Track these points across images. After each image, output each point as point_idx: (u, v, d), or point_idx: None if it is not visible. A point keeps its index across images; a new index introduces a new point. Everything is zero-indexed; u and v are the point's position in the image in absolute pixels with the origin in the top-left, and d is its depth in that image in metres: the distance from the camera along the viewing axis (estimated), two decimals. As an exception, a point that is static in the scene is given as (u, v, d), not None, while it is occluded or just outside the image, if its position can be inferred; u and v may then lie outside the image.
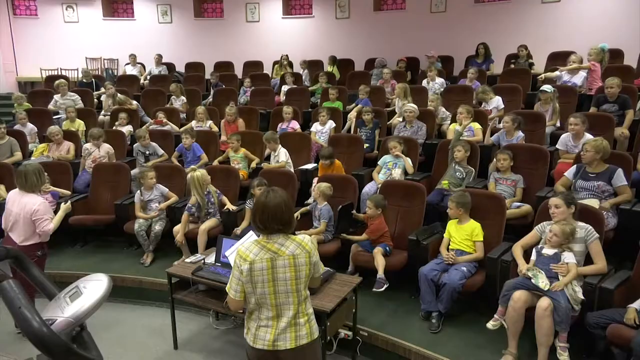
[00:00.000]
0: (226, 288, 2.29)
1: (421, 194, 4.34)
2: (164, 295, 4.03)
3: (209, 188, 4.82)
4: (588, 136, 4.52)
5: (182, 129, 6.63)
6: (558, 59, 7.47)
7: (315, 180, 4.97)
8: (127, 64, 10.28)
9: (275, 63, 9.94)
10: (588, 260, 3.26)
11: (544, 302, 3.01)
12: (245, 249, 2.21)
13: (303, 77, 8.96)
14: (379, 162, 5.21)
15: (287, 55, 9.65)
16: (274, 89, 8.55)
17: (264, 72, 9.84)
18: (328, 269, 3.45)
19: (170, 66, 10.21)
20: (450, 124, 5.85)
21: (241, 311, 2.37)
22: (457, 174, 4.68)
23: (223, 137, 6.56)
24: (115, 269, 4.81)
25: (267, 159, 5.83)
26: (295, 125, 6.53)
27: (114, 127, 7.05)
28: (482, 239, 3.75)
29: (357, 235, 4.23)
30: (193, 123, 6.87)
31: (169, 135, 6.58)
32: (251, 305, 2.25)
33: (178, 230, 4.73)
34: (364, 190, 4.90)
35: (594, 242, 3.24)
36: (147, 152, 6.03)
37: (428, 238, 3.97)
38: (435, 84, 7.26)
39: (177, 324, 3.86)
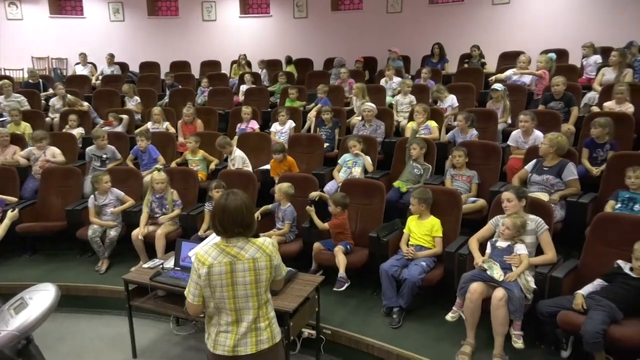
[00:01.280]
0: (185, 292, 2.24)
1: (381, 191, 4.40)
2: (121, 303, 3.90)
3: (167, 192, 4.72)
4: (537, 133, 4.73)
5: (137, 130, 6.43)
6: (508, 58, 7.76)
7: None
8: (77, 63, 9.86)
9: (233, 63, 9.82)
10: (539, 251, 3.41)
11: (498, 293, 3.12)
12: (204, 252, 2.16)
13: (262, 77, 8.90)
14: (339, 161, 5.24)
15: (245, 55, 9.55)
16: (233, 89, 8.44)
17: (222, 72, 9.70)
18: (290, 269, 3.44)
19: (123, 66, 9.88)
20: (408, 122, 5.96)
21: (202, 315, 2.32)
22: (415, 171, 4.78)
23: (181, 139, 6.41)
24: (68, 277, 4.62)
25: (227, 159, 5.75)
26: (254, 125, 6.48)
27: (64, 130, 6.76)
28: (441, 235, 3.84)
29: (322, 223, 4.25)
30: (149, 124, 6.69)
31: (123, 137, 6.37)
32: (210, 309, 2.21)
33: (137, 233, 4.60)
34: (325, 189, 4.92)
35: (544, 233, 3.39)
36: (105, 156, 5.78)
37: (388, 235, 4.03)
38: (393, 83, 7.38)
39: (136, 332, 3.74)
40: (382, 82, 7.50)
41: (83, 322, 4.32)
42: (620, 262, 3.13)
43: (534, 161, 4.27)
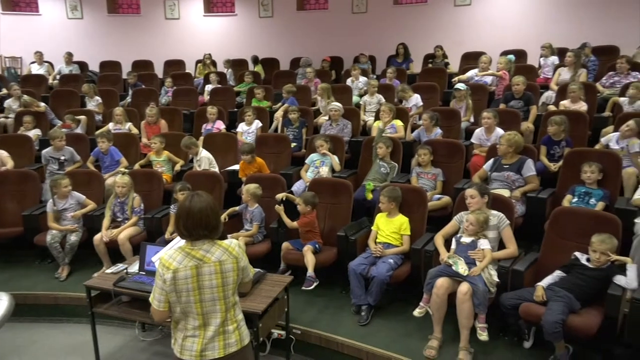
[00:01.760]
0: (149, 298, 2.18)
1: (348, 190, 4.43)
2: (83, 311, 3.76)
3: (129, 197, 4.61)
4: (499, 130, 4.88)
5: (97, 131, 6.23)
6: (470, 58, 7.95)
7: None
8: (33, 62, 9.45)
9: (198, 62, 9.66)
10: (501, 245, 3.52)
11: (463, 287, 3.20)
12: (168, 256, 2.11)
13: (227, 77, 8.80)
14: (306, 161, 5.25)
15: (210, 54, 9.42)
16: (198, 89, 8.30)
17: (187, 71, 9.55)
18: (259, 270, 3.42)
19: (82, 65, 9.56)
20: (374, 121, 6.02)
21: (168, 320, 2.27)
22: (382, 169, 4.83)
23: (144, 140, 6.27)
24: (26, 286, 4.42)
25: (193, 160, 5.65)
26: (220, 125, 6.39)
27: (19, 132, 6.48)
28: (409, 233, 3.89)
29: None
30: (110, 125, 6.49)
31: (83, 139, 6.16)
32: (176, 314, 2.16)
33: (99, 238, 4.47)
34: (293, 189, 4.91)
35: (506, 228, 3.50)
36: (62, 158, 5.57)
37: (356, 233, 4.06)
38: (359, 83, 7.45)
39: (100, 339, 3.62)
40: (349, 81, 7.55)
41: (43, 331, 4.16)
42: (577, 253, 3.26)
43: (492, 160, 4.40)
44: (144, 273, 3.48)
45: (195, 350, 2.12)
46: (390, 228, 3.93)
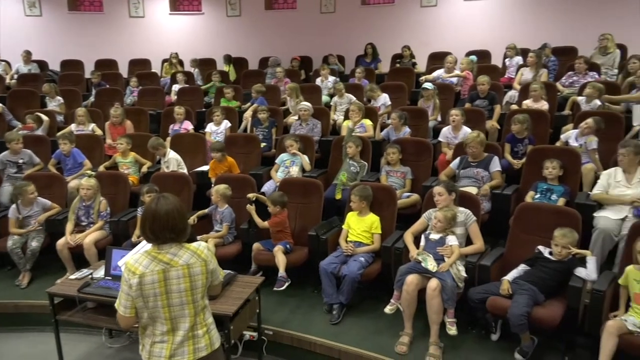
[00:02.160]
0: (115, 305, 2.12)
1: (319, 189, 4.44)
2: (47, 318, 3.62)
3: (95, 200, 4.48)
4: (465, 128, 4.99)
5: (59, 133, 6.03)
6: (437, 59, 8.09)
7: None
8: (-12, 61, 9.08)
9: (164, 61, 9.46)
10: (468, 241, 3.60)
11: (433, 283, 3.26)
12: (134, 261, 2.06)
13: (195, 76, 8.66)
14: (276, 161, 5.22)
15: (176, 53, 9.24)
16: (164, 89, 8.14)
17: (152, 70, 9.34)
18: (229, 271, 3.38)
19: (41, 64, 9.21)
20: (344, 121, 6.05)
21: (136, 326, 2.22)
22: (352, 168, 4.86)
23: (109, 141, 6.10)
24: (-16, 294, 4.25)
25: (160, 162, 5.53)
26: (188, 126, 6.29)
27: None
28: (380, 232, 3.93)
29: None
30: (73, 126, 6.29)
31: (44, 140, 5.95)
32: (144, 320, 2.11)
33: (62, 243, 4.32)
34: (263, 189, 4.88)
35: (473, 224, 3.58)
36: (21, 161, 5.34)
37: (327, 232, 4.08)
38: (328, 82, 7.48)
39: (65, 347, 3.50)
40: (318, 81, 7.56)
41: (4, 341, 4.00)
42: (540, 247, 3.37)
43: (459, 158, 4.49)
44: (110, 278, 3.39)
45: (164, 356, 2.08)
46: (361, 227, 3.96)
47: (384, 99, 6.28)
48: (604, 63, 6.58)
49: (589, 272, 3.10)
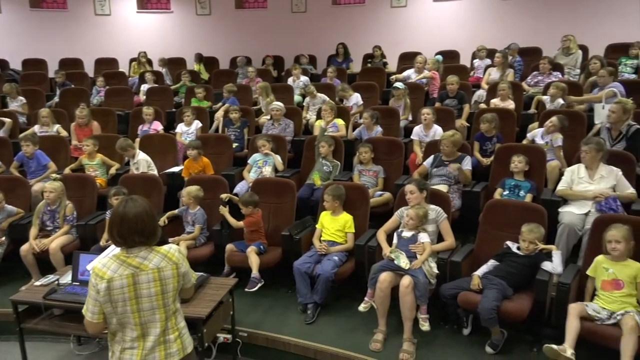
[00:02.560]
0: (83, 310, 2.06)
1: (292, 189, 4.43)
2: (11, 327, 3.49)
3: (61, 205, 4.35)
4: (436, 127, 5.07)
5: (21, 135, 5.81)
6: (407, 58, 8.19)
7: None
8: (-56, 60, 8.68)
9: (132, 60, 9.26)
10: (440, 238, 3.66)
11: (405, 280, 3.30)
12: (102, 265, 2.01)
13: (164, 76, 8.50)
14: (249, 161, 5.19)
15: (145, 52, 9.06)
16: (133, 89, 7.97)
17: (120, 70, 9.13)
18: (202, 273, 3.34)
19: (2, 63, 8.87)
20: (316, 120, 6.06)
21: (105, 332, 2.16)
22: (325, 168, 4.87)
23: (74, 142, 5.93)
24: (-58, 304, 4.05)
25: (129, 163, 5.41)
26: (157, 126, 6.17)
27: None
28: (354, 231, 3.94)
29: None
30: (36, 128, 6.08)
31: (5, 142, 5.73)
32: (113, 326, 2.06)
33: (26, 249, 4.17)
34: (236, 190, 4.83)
35: (444, 221, 3.65)
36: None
37: (300, 232, 4.07)
38: (300, 82, 7.47)
39: (30, 356, 3.37)
40: (290, 80, 7.54)
41: (-36, 352, 3.83)
42: (509, 243, 3.46)
43: (432, 157, 4.56)
44: (77, 284, 3.30)
45: None
46: (334, 226, 3.97)
47: (356, 98, 6.31)
48: (567, 63, 6.80)
49: (554, 265, 3.20)
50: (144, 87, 7.73)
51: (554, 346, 2.82)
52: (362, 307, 3.50)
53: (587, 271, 3.15)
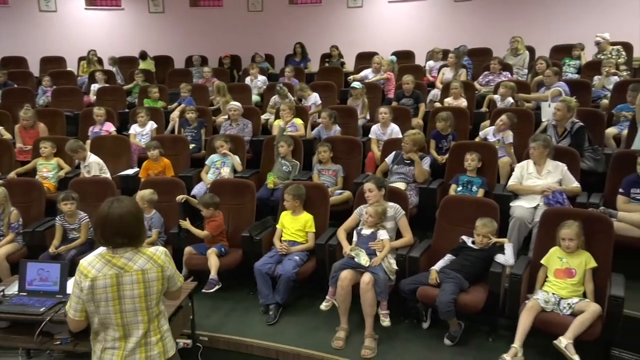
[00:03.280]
0: (66, 307, 2.08)
1: (251, 190, 4.38)
2: (-50, 343, 3.28)
3: (4, 212, 4.12)
4: (393, 125, 5.17)
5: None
6: (364, 58, 8.30)
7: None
8: None
9: (81, 59, 8.89)
10: (398, 234, 3.72)
11: (366, 277, 3.34)
12: (87, 263, 2.01)
13: (115, 75, 8.21)
14: (206, 162, 5.10)
15: (95, 50, 8.72)
16: (82, 88, 7.66)
17: (68, 69, 8.74)
18: (159, 278, 3.24)
19: (-64, 62, 8.31)
20: (275, 120, 6.03)
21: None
22: (284, 167, 4.85)
23: (19, 145, 5.63)
24: None
25: (80, 166, 5.18)
26: (109, 127, 5.95)
27: None
28: (314, 230, 3.94)
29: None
30: (-24, 130, 5.73)
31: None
32: (95, 325, 2.05)
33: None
34: (194, 192, 4.74)
35: (402, 218, 3.71)
36: None
37: (261, 233, 4.04)
38: (257, 82, 7.41)
39: (-28, 373, 3.19)
40: (247, 80, 7.47)
41: None
42: (464, 237, 3.57)
43: (393, 154, 4.64)
44: (25, 294, 3.12)
45: None
46: (295, 226, 3.96)
47: (314, 98, 6.33)
48: (515, 63, 7.10)
49: (507, 258, 3.33)
50: (95, 87, 7.45)
51: (507, 358, 2.92)
52: (323, 306, 3.51)
53: (541, 260, 3.28)
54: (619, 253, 3.24)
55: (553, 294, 3.09)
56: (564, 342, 2.83)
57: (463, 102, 5.83)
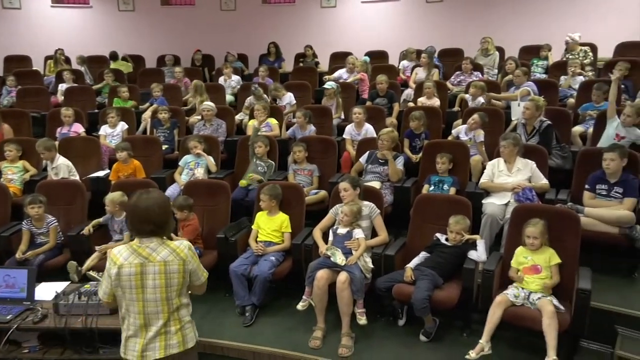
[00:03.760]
0: (99, 287, 2.25)
1: (226, 191, 4.34)
2: None
3: None
4: (367, 125, 5.20)
5: None
6: (338, 58, 8.32)
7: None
8: None
9: (48, 58, 8.63)
10: (374, 233, 3.75)
11: (342, 276, 3.35)
12: (117, 252, 2.16)
13: (84, 75, 8.00)
14: (180, 163, 5.02)
15: (62, 49, 8.48)
16: (49, 88, 7.44)
17: (34, 68, 8.47)
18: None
19: None
20: (249, 120, 5.99)
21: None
22: (259, 168, 4.83)
23: (-18, 147, 5.41)
24: None
25: (47, 168, 5.03)
26: (78, 128, 5.79)
27: None
28: (290, 230, 3.94)
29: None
30: None
31: None
32: (122, 310, 2.19)
33: None
34: (167, 193, 4.66)
35: (377, 217, 3.75)
36: None
37: (236, 234, 4.00)
38: (231, 82, 7.35)
39: None
40: (221, 80, 7.40)
41: None
42: (438, 234, 3.62)
43: (367, 153, 4.67)
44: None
45: (137, 351, 2.14)
46: (271, 226, 3.94)
47: (288, 97, 6.32)
48: (486, 64, 7.25)
49: (479, 254, 3.40)
50: (62, 87, 7.24)
51: (472, 354, 2.99)
52: (300, 306, 3.51)
53: (511, 262, 3.33)
54: (585, 247, 3.35)
55: (522, 288, 3.17)
56: None
57: (436, 102, 5.91)
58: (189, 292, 2.35)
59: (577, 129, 5.11)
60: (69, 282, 3.50)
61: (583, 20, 7.80)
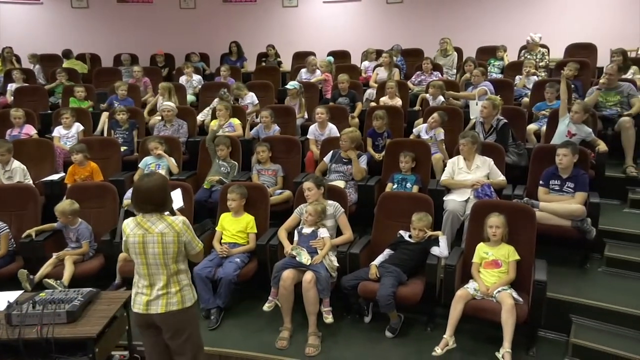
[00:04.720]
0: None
1: (188, 192, 4.24)
2: None
3: None
4: (331, 125, 5.22)
5: None
6: (300, 58, 8.31)
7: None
8: None
9: (-5, 57, 8.20)
10: (339, 232, 3.78)
11: (307, 276, 3.36)
12: (126, 224, 2.58)
13: (36, 74, 7.65)
14: (140, 165, 4.89)
15: (11, 48, 8.07)
16: (-3, 89, 7.07)
17: (-20, 67, 8.03)
18: (90, 289, 3.07)
19: None
20: (211, 120, 5.89)
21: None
22: (222, 169, 4.76)
23: None
24: None
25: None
26: (30, 130, 5.54)
27: None
28: (255, 231, 3.90)
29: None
30: None
31: None
32: (134, 272, 2.62)
33: None
34: (127, 197, 4.51)
35: (341, 216, 3.77)
36: None
37: (200, 236, 3.92)
38: (193, 81, 7.21)
39: None
40: (182, 80, 7.24)
41: None
42: (401, 231, 3.68)
43: (331, 153, 4.69)
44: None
45: (142, 304, 2.57)
46: (236, 227, 3.90)
47: (251, 97, 6.26)
48: (445, 64, 7.42)
49: (441, 250, 3.48)
50: (11, 87, 6.90)
51: (438, 350, 3.06)
52: (266, 307, 3.49)
53: (472, 259, 3.43)
54: (541, 240, 3.50)
55: (484, 282, 3.27)
56: (501, 352, 2.96)
57: (398, 102, 6.00)
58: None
59: (532, 127, 5.31)
60: (23, 291, 3.34)
61: (537, 22, 8.12)
